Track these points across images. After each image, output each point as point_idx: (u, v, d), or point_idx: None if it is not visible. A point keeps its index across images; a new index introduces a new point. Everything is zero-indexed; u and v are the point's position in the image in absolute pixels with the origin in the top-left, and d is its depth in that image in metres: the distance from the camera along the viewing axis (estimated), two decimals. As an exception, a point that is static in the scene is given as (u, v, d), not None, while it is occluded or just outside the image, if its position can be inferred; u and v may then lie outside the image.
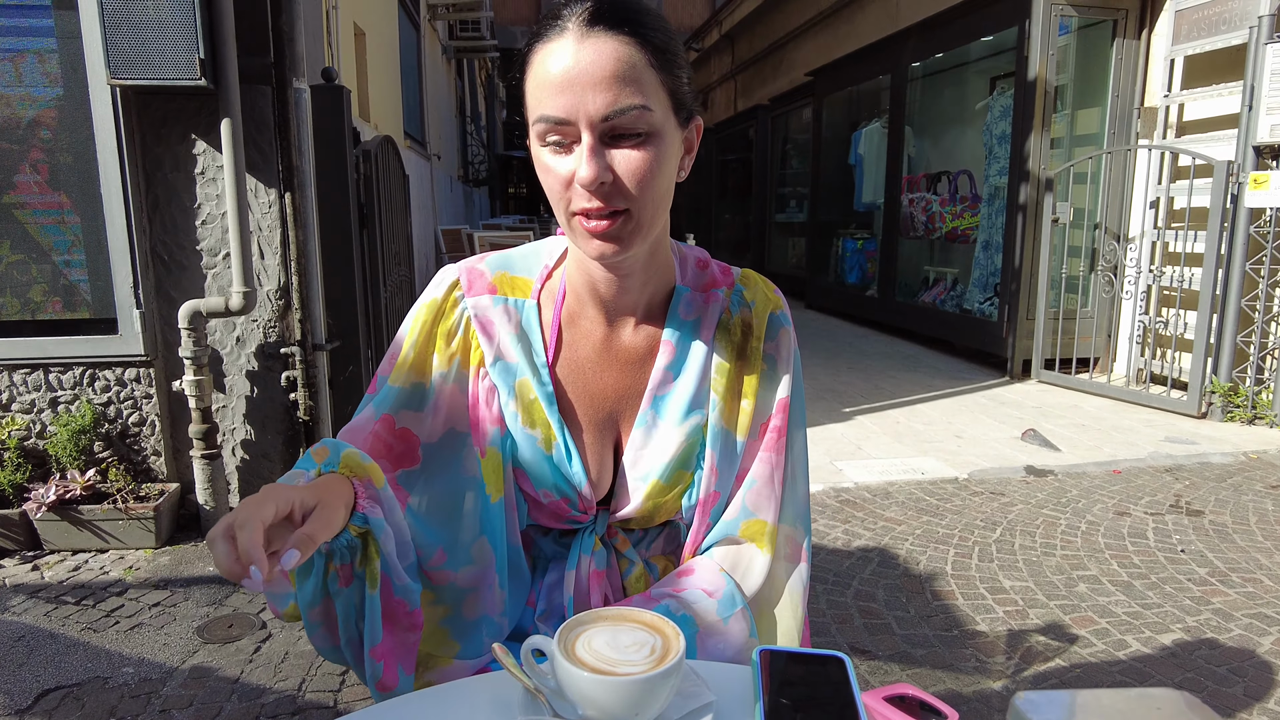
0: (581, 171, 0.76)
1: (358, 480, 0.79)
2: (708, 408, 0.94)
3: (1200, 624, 2.41)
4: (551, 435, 0.92)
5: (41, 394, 2.91)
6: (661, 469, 0.93)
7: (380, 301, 3.69)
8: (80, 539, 2.82)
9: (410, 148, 6.76)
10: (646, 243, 0.85)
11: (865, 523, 3.16)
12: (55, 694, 2.03)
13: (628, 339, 0.94)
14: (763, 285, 1.00)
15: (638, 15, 0.77)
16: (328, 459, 0.80)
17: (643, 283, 0.92)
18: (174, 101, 2.83)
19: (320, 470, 0.79)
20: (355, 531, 0.78)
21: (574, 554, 0.97)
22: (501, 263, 0.96)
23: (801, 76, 9.42)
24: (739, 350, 0.95)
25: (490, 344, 0.93)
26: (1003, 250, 5.89)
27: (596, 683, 0.63)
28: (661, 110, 0.79)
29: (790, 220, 10.61)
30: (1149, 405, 4.80)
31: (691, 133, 0.86)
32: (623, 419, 0.95)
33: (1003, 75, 6.03)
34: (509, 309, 0.93)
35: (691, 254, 0.99)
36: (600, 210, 0.78)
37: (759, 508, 0.95)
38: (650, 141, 0.78)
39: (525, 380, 0.92)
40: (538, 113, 0.78)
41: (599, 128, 0.76)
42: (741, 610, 0.92)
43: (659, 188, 0.80)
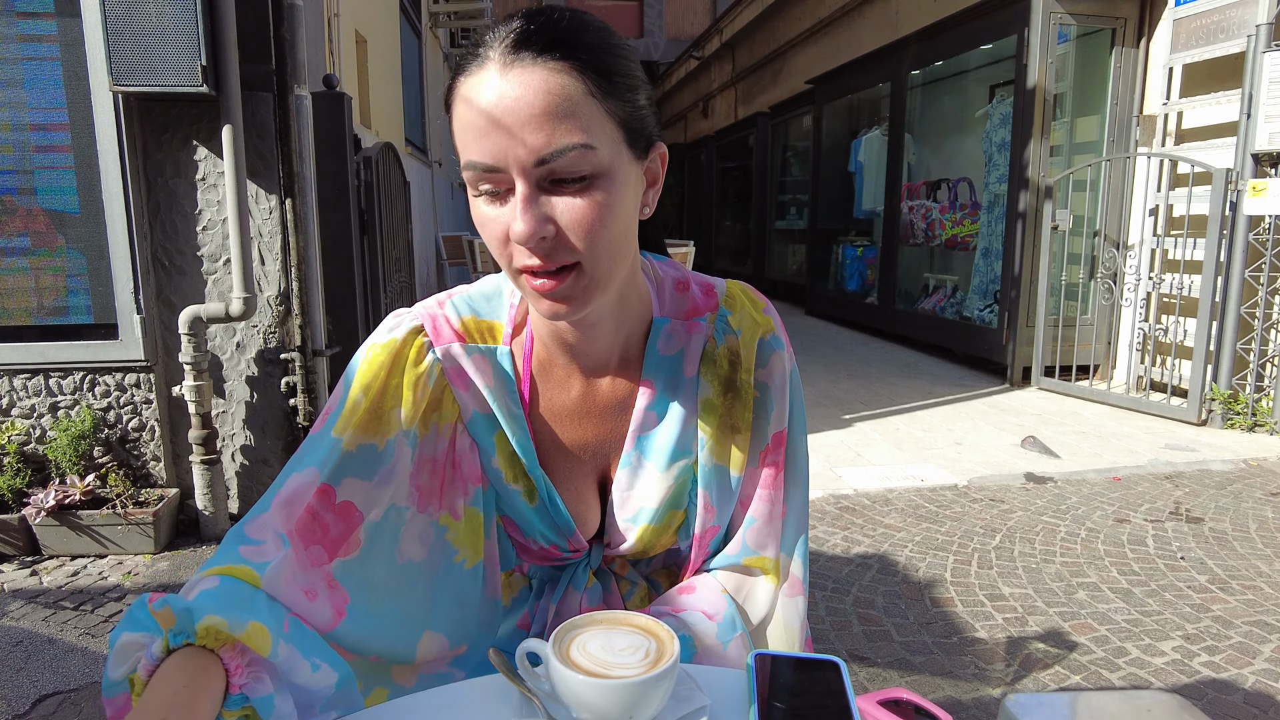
0: (515, 227, 0.66)
1: (227, 651, 0.62)
2: (695, 448, 0.87)
3: (1200, 631, 2.40)
4: (534, 488, 0.85)
5: (41, 399, 2.92)
6: (652, 513, 0.88)
7: (380, 307, 3.70)
8: (79, 544, 2.82)
9: (411, 154, 6.78)
10: (608, 294, 0.74)
11: (865, 529, 3.15)
12: (53, 699, 2.02)
13: (607, 387, 0.86)
14: (750, 307, 0.88)
15: (571, 35, 0.66)
16: (175, 627, 0.61)
17: (615, 328, 0.82)
18: (176, 108, 2.84)
19: (168, 645, 0.61)
20: (233, 716, 0.62)
21: (561, 587, 0.93)
22: (465, 306, 0.84)
23: (802, 84, 9.45)
24: (727, 383, 0.86)
25: (466, 396, 0.82)
26: (1002, 257, 5.90)
27: (591, 685, 0.63)
28: (609, 145, 0.67)
29: (790, 227, 10.63)
30: (1149, 412, 4.80)
31: (655, 163, 0.75)
32: (609, 461, 0.89)
33: (1002, 83, 6.05)
34: (482, 357, 0.83)
35: (669, 276, 0.88)
36: (544, 268, 0.68)
37: (762, 546, 0.91)
38: (597, 184, 0.67)
39: (502, 433, 0.84)
40: (465, 159, 0.68)
41: (533, 174, 0.65)
42: (741, 635, 0.88)
43: (612, 235, 0.69)
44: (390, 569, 0.79)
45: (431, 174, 8.20)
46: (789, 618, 0.91)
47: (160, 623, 0.62)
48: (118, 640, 0.62)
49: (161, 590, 2.59)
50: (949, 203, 6.80)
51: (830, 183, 9.03)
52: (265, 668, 0.64)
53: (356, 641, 0.77)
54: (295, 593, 0.72)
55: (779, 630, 0.92)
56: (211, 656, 0.62)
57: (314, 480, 0.75)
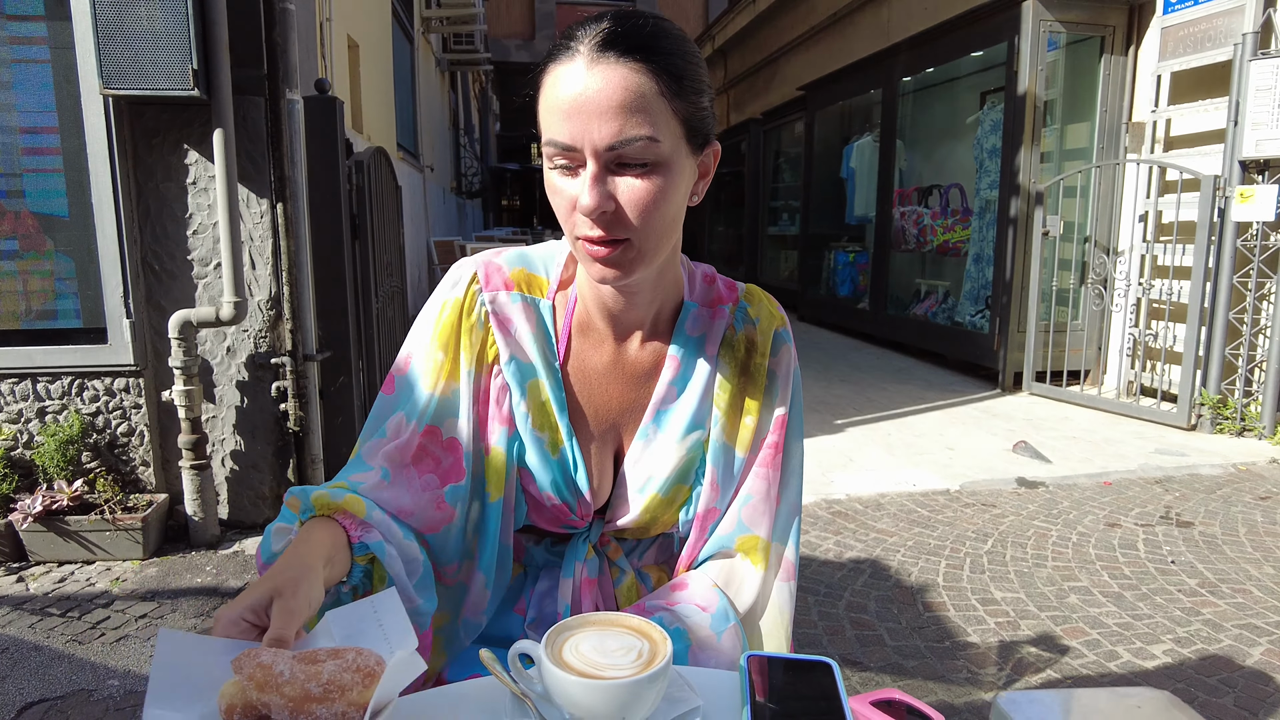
0: (583, 200, 0.76)
1: (340, 516, 0.79)
2: (709, 424, 0.94)
3: (1190, 634, 2.41)
4: (559, 440, 0.92)
5: (29, 404, 2.89)
6: (660, 483, 0.93)
7: (372, 312, 3.68)
8: (67, 550, 2.80)
9: (403, 159, 6.77)
10: (651, 268, 0.84)
11: (857, 534, 3.16)
12: (39, 707, 2.00)
13: (634, 353, 0.94)
14: (767, 302, 1.00)
15: (651, 42, 0.76)
16: (302, 507, 0.80)
17: (650, 300, 0.92)
18: (167, 112, 2.83)
19: (301, 520, 0.79)
20: (363, 561, 0.78)
21: (568, 562, 0.97)
22: (519, 259, 0.95)
23: (794, 91, 9.49)
24: (742, 367, 0.95)
25: (506, 341, 0.91)
26: (994, 263, 5.92)
27: (583, 686, 0.63)
28: (671, 140, 0.77)
29: (782, 233, 10.65)
30: (1139, 417, 4.83)
31: (708, 158, 0.85)
32: (625, 430, 0.95)
33: (993, 90, 6.09)
34: (527, 306, 0.92)
35: (699, 269, 1.00)
36: (602, 238, 0.78)
37: (754, 523, 0.95)
38: (657, 171, 0.77)
39: (539, 381, 0.92)
40: (547, 136, 0.78)
41: (604, 156, 0.75)
42: (734, 626, 0.91)
43: (663, 218, 0.79)
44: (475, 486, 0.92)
45: (423, 179, 8.19)
46: (782, 602, 0.96)
47: (291, 509, 0.81)
48: (271, 528, 0.81)
49: (149, 597, 2.57)
50: (940, 209, 6.83)
51: (822, 189, 9.06)
52: (370, 527, 0.80)
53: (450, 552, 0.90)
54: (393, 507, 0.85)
55: (774, 614, 0.96)
56: (331, 520, 0.79)
57: (416, 428, 0.88)
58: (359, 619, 0.68)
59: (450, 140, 11.54)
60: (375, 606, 0.69)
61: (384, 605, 0.69)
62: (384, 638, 0.66)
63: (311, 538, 0.75)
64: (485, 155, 16.73)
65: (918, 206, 7.11)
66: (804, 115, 9.33)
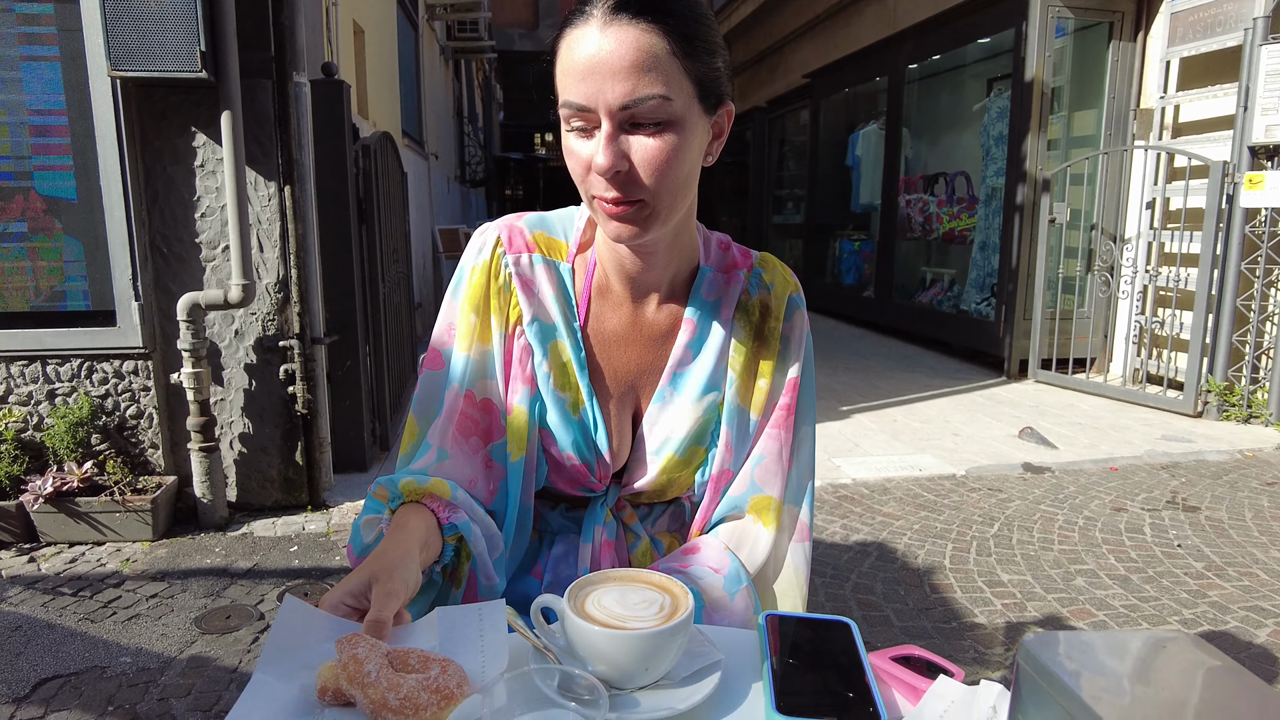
0: (598, 159, 0.77)
1: (428, 500, 0.82)
2: (724, 386, 0.95)
3: (1197, 616, 2.42)
4: (580, 400, 0.93)
5: (39, 386, 2.91)
6: (677, 444, 0.94)
7: (379, 297, 3.69)
8: (77, 531, 2.81)
9: (408, 146, 6.77)
10: (666, 227, 0.85)
11: (863, 518, 3.16)
12: (53, 683, 2.02)
13: (651, 316, 0.96)
14: (781, 268, 1.01)
15: (663, 3, 0.77)
16: (391, 495, 0.83)
17: (666, 262, 0.93)
18: (174, 94, 2.83)
19: (391, 509, 0.83)
20: (451, 540, 0.82)
21: (587, 527, 0.98)
22: (539, 222, 0.97)
23: (799, 79, 9.45)
24: (757, 331, 0.97)
25: (529, 302, 0.93)
26: (999, 251, 5.91)
27: (607, 637, 0.63)
28: (684, 99, 0.78)
29: (787, 222, 10.63)
30: (1145, 404, 4.82)
31: (722, 119, 0.86)
32: (642, 393, 0.96)
33: (1000, 77, 6.06)
34: (548, 268, 0.94)
35: (715, 236, 1.01)
36: (617, 199, 0.79)
37: (766, 483, 0.96)
38: (670, 130, 0.78)
39: (560, 342, 0.93)
40: (563, 98, 0.79)
41: (618, 116, 0.76)
42: (747, 587, 0.93)
43: (677, 176, 0.80)
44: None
45: (428, 166, 8.19)
46: (797, 562, 0.97)
47: (379, 499, 0.84)
48: (359, 521, 0.84)
49: (159, 577, 2.59)
50: (946, 196, 6.81)
51: (827, 177, 9.03)
52: (455, 508, 0.84)
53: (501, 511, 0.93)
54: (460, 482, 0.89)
55: (788, 575, 0.97)
56: (420, 505, 0.82)
57: (458, 393, 0.92)
58: (464, 624, 0.70)
59: (454, 128, 11.53)
60: (482, 615, 0.71)
61: (489, 616, 0.70)
62: (480, 650, 0.68)
63: (407, 524, 0.78)
64: (489, 144, 16.70)
65: (923, 194, 7.09)
66: (809, 103, 9.29)
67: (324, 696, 0.63)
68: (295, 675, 0.66)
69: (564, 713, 0.58)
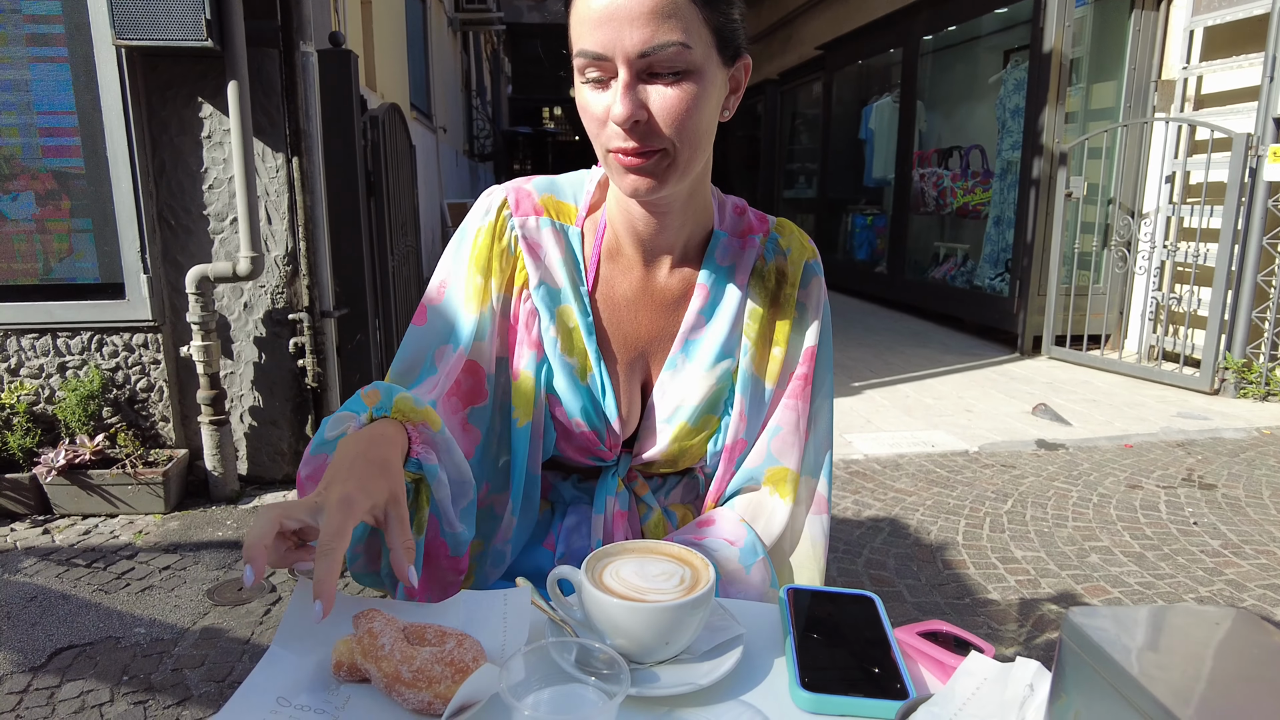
0: (615, 109, 0.75)
1: (412, 425, 0.78)
2: (738, 354, 0.93)
3: (1213, 594, 2.39)
4: (588, 365, 0.91)
5: (50, 359, 2.90)
6: (689, 412, 0.92)
7: (388, 270, 3.66)
8: (90, 503, 2.82)
9: (416, 119, 6.70)
10: (684, 182, 0.82)
11: (875, 494, 3.14)
12: (68, 652, 2.03)
13: (663, 280, 0.93)
14: (798, 234, 0.99)
15: None
16: (379, 403, 0.79)
17: (680, 224, 0.90)
18: (180, 64, 2.79)
19: (371, 415, 0.78)
20: (410, 478, 0.77)
21: (599, 497, 0.96)
22: (547, 186, 0.95)
23: (811, 50, 9.31)
24: (773, 297, 0.95)
25: (536, 266, 0.91)
26: (1014, 226, 5.83)
27: (626, 609, 0.61)
28: (703, 48, 0.76)
29: (799, 196, 10.53)
30: (1161, 382, 4.77)
31: (739, 71, 0.83)
32: (653, 360, 0.94)
33: (1017, 48, 5.94)
34: (556, 232, 0.92)
35: (730, 200, 0.98)
36: (635, 149, 0.77)
37: (782, 454, 0.94)
38: (689, 79, 0.75)
39: (568, 307, 0.91)
40: (578, 47, 0.76)
41: (635, 64, 0.74)
42: (763, 560, 0.91)
43: (697, 126, 0.78)
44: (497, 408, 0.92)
45: (436, 140, 8.12)
46: (815, 534, 0.96)
47: (367, 401, 0.78)
48: (333, 416, 0.78)
49: (171, 549, 2.59)
50: (961, 171, 6.71)
51: (840, 151, 8.92)
52: (435, 446, 0.79)
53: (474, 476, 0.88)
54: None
55: (805, 548, 0.95)
56: (401, 426, 0.77)
57: (462, 356, 0.88)
58: (488, 607, 0.69)
59: (463, 102, 11.43)
60: (506, 600, 0.70)
61: (514, 602, 0.70)
62: (503, 630, 0.67)
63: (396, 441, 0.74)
64: (497, 118, 16.57)
65: (938, 168, 6.99)
66: (822, 76, 9.16)
67: (339, 671, 0.62)
68: (311, 650, 0.65)
69: (584, 688, 0.56)
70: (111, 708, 1.83)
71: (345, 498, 0.64)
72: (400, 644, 0.60)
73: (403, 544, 0.67)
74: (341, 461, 0.69)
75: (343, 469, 0.68)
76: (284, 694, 0.60)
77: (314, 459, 0.78)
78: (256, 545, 0.60)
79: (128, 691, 1.88)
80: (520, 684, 0.55)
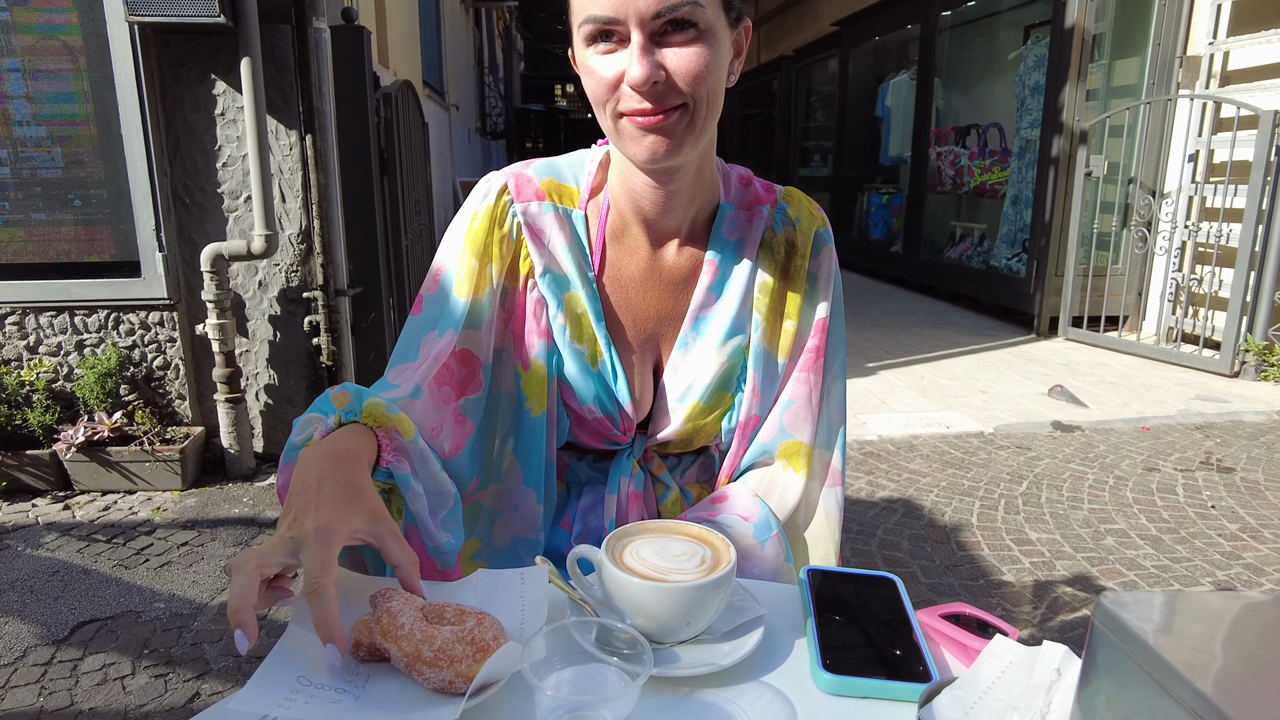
0: (633, 71, 0.73)
1: (382, 432, 0.74)
2: (750, 329, 0.92)
3: (1231, 578, 2.37)
4: (598, 351, 0.90)
5: (68, 337, 2.92)
6: (702, 390, 0.91)
7: (402, 249, 3.66)
8: (109, 480, 2.85)
9: (429, 96, 6.67)
10: (698, 147, 0.81)
11: (889, 474, 3.13)
12: (90, 626, 2.06)
13: (671, 260, 0.91)
14: (807, 203, 0.96)
15: None
16: (348, 406, 0.75)
17: (688, 200, 0.88)
18: (193, 41, 2.78)
19: (340, 419, 0.74)
20: (380, 487, 0.73)
21: (613, 478, 0.95)
22: (548, 169, 0.92)
23: (827, 27, 9.18)
24: (782, 269, 0.93)
25: (540, 253, 0.89)
26: (1033, 205, 5.75)
27: (648, 589, 0.61)
28: (713, 7, 0.75)
29: (814, 174, 10.43)
30: (1179, 364, 4.72)
31: (740, 35, 0.82)
32: (664, 340, 0.93)
33: (1038, 24, 5.83)
34: (559, 217, 0.90)
35: (735, 171, 0.96)
36: (652, 109, 0.75)
37: (795, 428, 0.93)
38: (701, 39, 0.75)
39: (575, 293, 0.89)
40: (585, 14, 0.74)
41: (649, 25, 0.72)
42: (777, 535, 0.90)
43: (712, 84, 0.77)
44: (492, 400, 0.91)
45: (449, 117, 8.08)
46: (829, 508, 0.95)
47: (335, 404, 0.75)
48: (301, 419, 0.75)
49: (189, 526, 2.62)
50: (978, 149, 6.62)
51: (856, 129, 8.82)
52: (407, 454, 0.75)
53: (465, 471, 0.87)
54: (424, 426, 0.81)
55: (820, 521, 0.95)
56: (370, 433, 0.73)
57: (452, 340, 0.85)
58: (505, 587, 0.69)
59: (475, 79, 11.36)
60: (524, 579, 0.69)
61: (531, 580, 0.69)
62: (521, 609, 0.67)
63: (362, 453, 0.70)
64: (509, 95, 16.47)
65: (955, 147, 6.90)
66: (838, 52, 9.03)
67: (359, 651, 0.62)
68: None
69: (606, 668, 0.55)
70: (133, 680, 1.85)
71: (321, 529, 0.60)
72: (420, 623, 0.60)
73: (407, 559, 0.63)
74: (307, 483, 0.64)
75: (310, 493, 0.63)
76: (304, 673, 0.60)
77: (288, 467, 0.74)
78: (244, 607, 0.55)
79: (149, 665, 1.91)
80: (541, 663, 0.55)
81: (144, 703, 1.78)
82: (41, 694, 1.81)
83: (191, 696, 1.81)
